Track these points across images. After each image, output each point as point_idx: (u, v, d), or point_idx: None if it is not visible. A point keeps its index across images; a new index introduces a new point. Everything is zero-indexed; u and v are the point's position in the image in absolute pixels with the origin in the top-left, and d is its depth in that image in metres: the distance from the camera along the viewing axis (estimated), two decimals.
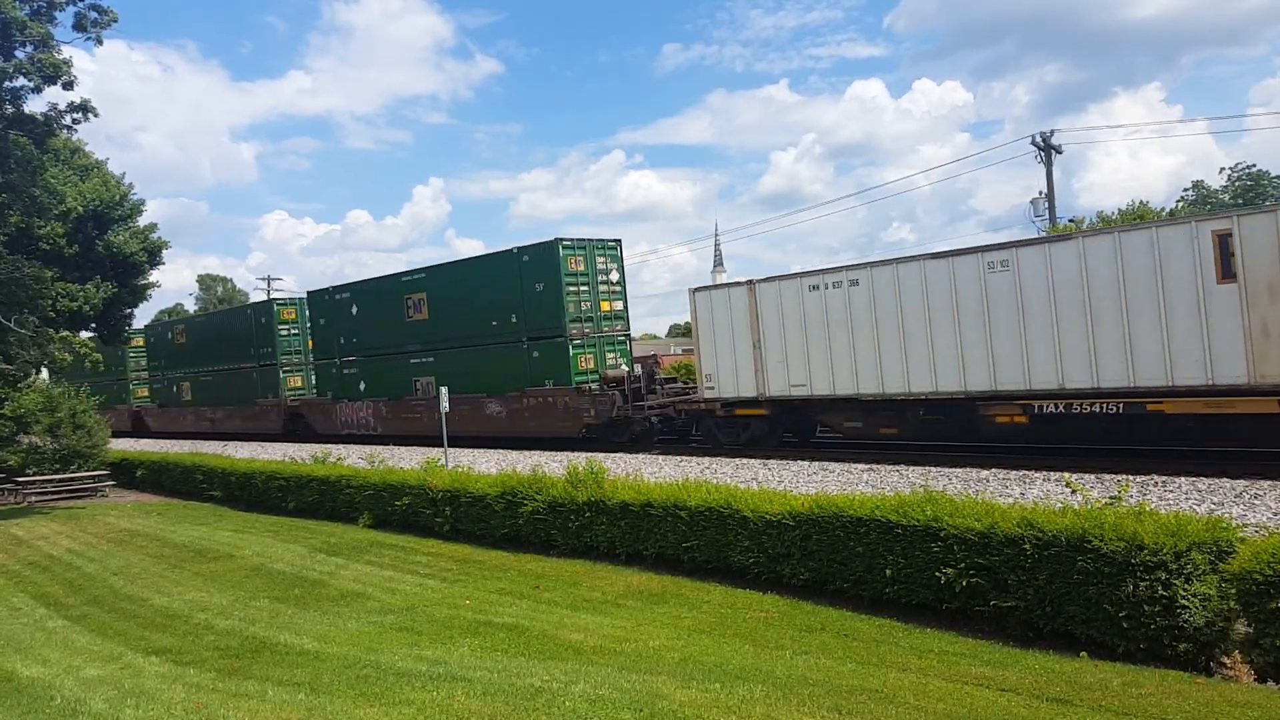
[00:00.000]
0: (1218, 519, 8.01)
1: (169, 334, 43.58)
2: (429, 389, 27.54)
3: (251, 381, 36.77)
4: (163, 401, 44.15)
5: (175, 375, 42.84)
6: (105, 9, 20.66)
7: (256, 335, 36.38)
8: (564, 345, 23.83)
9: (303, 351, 35.51)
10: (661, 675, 7.27)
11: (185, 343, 42.05)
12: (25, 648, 10.21)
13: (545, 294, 24.12)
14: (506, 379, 25.28)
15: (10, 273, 21.14)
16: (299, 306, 35.70)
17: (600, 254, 24.39)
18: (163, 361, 43.99)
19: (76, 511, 22.15)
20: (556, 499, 13.10)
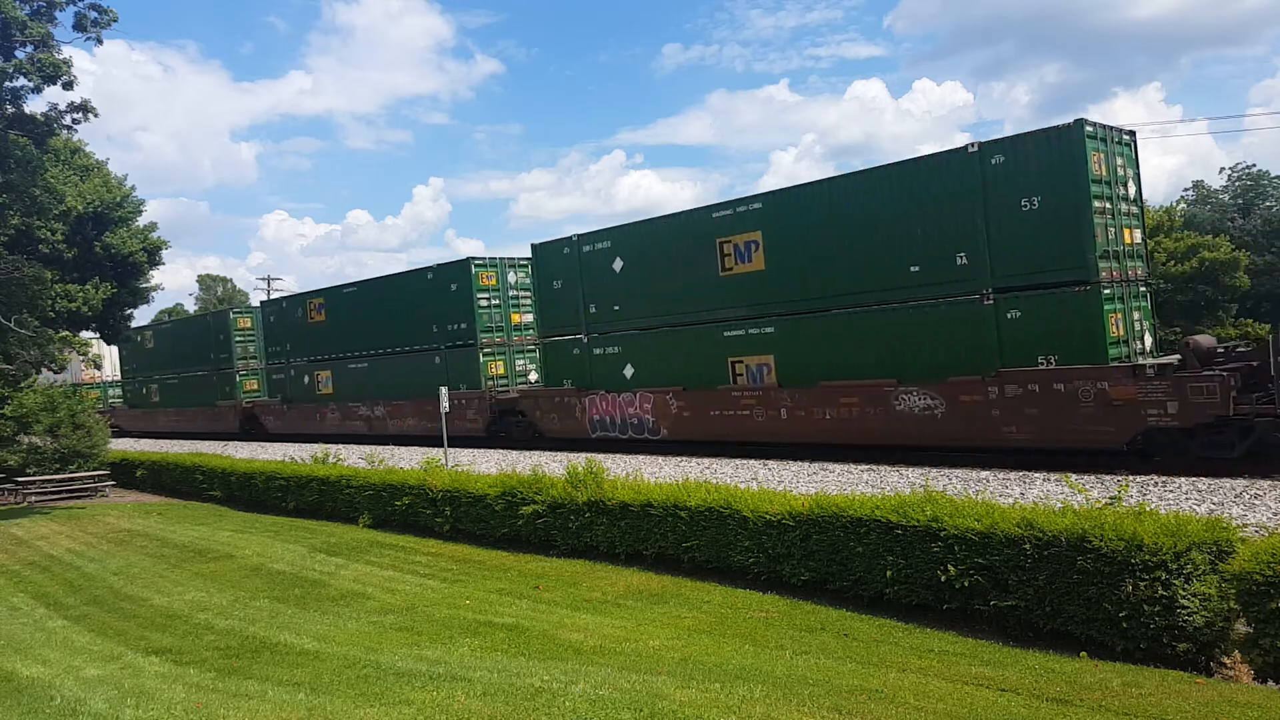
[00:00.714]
0: (1218, 519, 8.01)
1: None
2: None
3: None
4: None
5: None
6: (105, 9, 20.68)
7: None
8: None
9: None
10: (661, 675, 7.27)
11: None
12: (25, 648, 10.21)
13: None
14: None
15: (10, 273, 21.14)
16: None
17: None
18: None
19: (76, 511, 22.15)
20: (556, 499, 13.10)
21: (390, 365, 29.95)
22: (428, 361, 28.33)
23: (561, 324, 23.98)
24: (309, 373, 33.55)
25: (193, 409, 40.67)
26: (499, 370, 27.47)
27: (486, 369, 26.95)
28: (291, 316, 34.58)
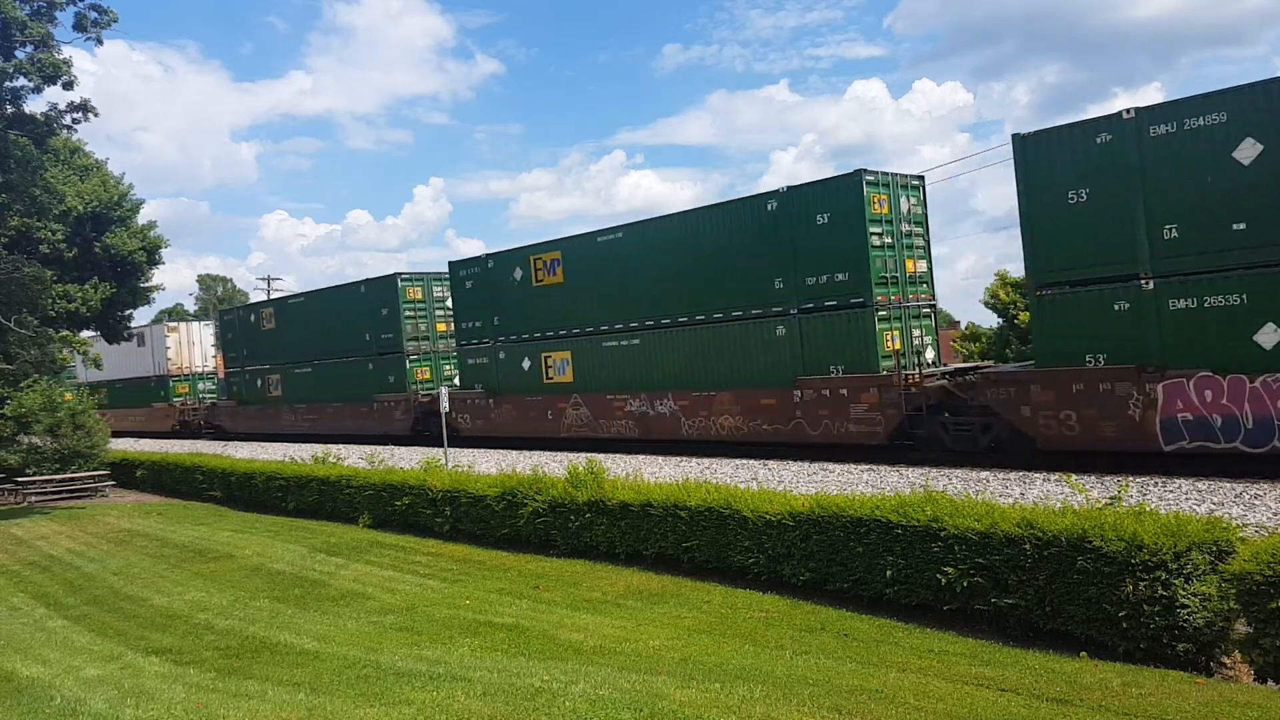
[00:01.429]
0: (1218, 519, 8.01)
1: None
2: None
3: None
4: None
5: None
6: (105, 9, 20.69)
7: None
8: None
9: None
10: (661, 675, 7.27)
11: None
12: (25, 648, 10.21)
13: None
14: None
15: (10, 273, 21.14)
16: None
17: None
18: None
19: (76, 511, 22.15)
20: (556, 499, 13.10)
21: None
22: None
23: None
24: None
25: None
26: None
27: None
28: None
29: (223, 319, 41.35)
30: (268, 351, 37.67)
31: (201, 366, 44.06)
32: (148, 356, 43.94)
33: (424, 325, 30.67)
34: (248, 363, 38.38)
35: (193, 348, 44.03)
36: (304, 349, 35.13)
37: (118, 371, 42.97)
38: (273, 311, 37.27)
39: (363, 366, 31.64)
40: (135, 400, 44.84)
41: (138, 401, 44.77)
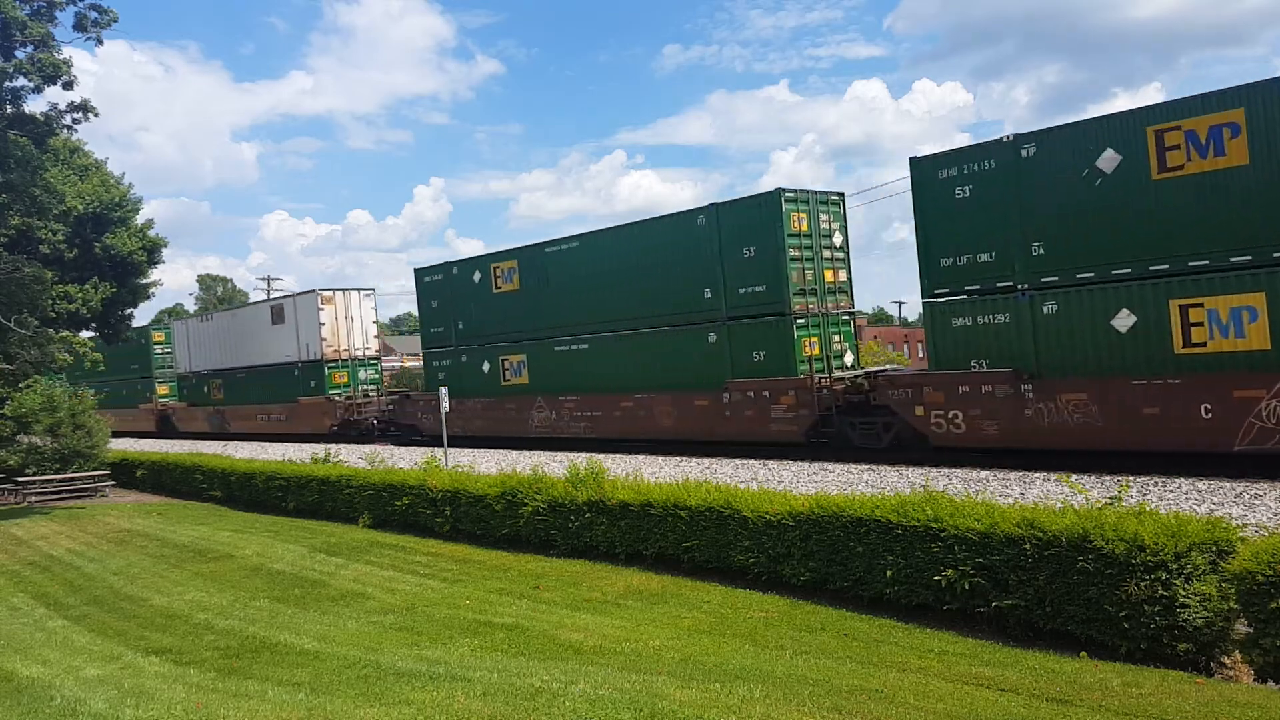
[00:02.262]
0: (1218, 519, 8.01)
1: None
2: None
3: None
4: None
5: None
6: (105, 9, 20.67)
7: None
8: None
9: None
10: (661, 675, 7.27)
11: None
12: (25, 648, 10.21)
13: None
14: None
15: (10, 273, 21.14)
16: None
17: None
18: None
19: (76, 511, 22.15)
20: (556, 499, 13.10)
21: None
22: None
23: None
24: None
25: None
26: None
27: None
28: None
29: (422, 281, 30.00)
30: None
31: (363, 350, 34.38)
32: (290, 336, 34.67)
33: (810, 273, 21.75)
34: (464, 340, 28.50)
35: (351, 325, 34.18)
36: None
37: (240, 357, 37.58)
38: (515, 265, 26.58)
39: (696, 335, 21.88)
40: (270, 393, 35.95)
41: (274, 395, 35.67)
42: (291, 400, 34.71)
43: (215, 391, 39.72)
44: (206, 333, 40.62)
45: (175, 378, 43.33)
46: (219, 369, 39.37)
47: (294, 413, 34.87)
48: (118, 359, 43.83)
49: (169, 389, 44.48)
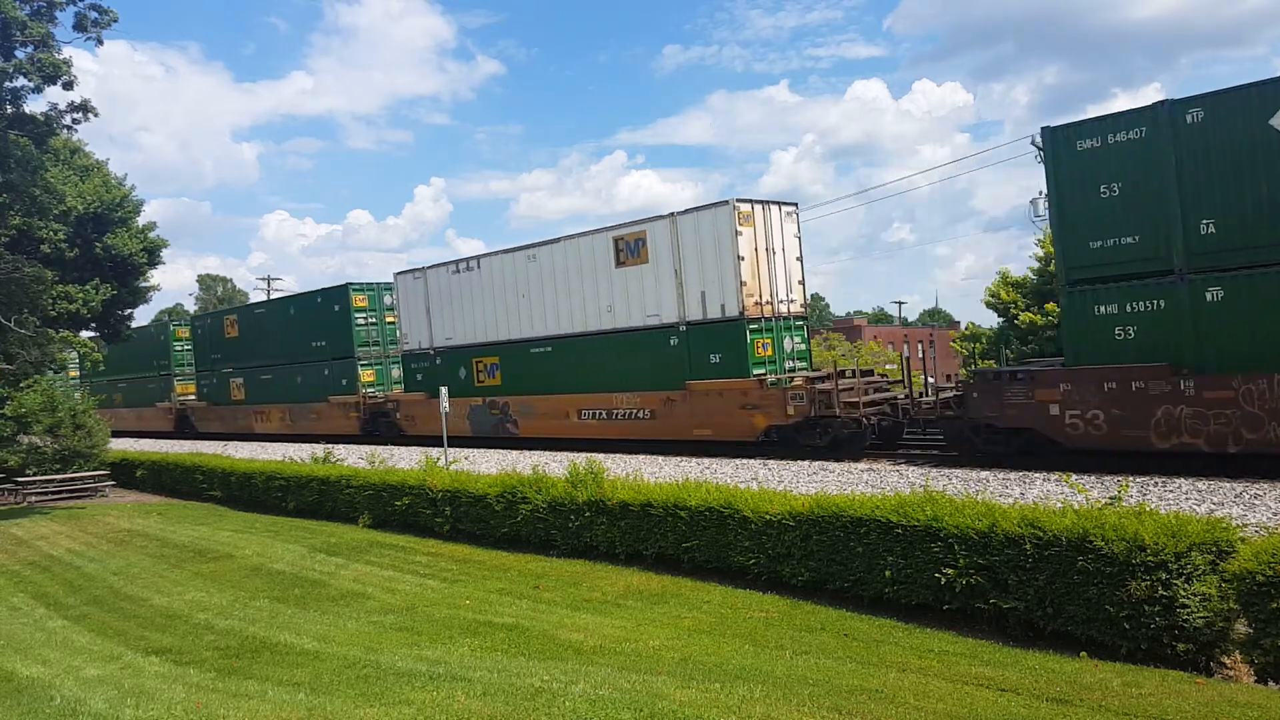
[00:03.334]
0: (1218, 519, 8.01)
1: None
2: None
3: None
4: None
5: None
6: (105, 9, 20.66)
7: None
8: None
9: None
10: (661, 675, 7.27)
11: None
12: (25, 648, 10.21)
13: None
14: None
15: (10, 273, 21.14)
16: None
17: None
18: None
19: (76, 511, 22.14)
20: (556, 499, 13.10)
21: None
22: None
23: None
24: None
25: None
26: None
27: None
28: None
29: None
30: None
31: (786, 303, 20.99)
32: (666, 283, 21.36)
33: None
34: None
35: (774, 261, 20.71)
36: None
37: (535, 321, 24.72)
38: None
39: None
40: (616, 376, 22.50)
41: (627, 378, 22.25)
42: (674, 387, 21.23)
43: (483, 375, 26.48)
44: (465, 287, 26.93)
45: (383, 358, 33.10)
46: (489, 342, 26.22)
47: (679, 410, 21.12)
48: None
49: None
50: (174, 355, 43.64)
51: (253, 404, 37.67)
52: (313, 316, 34.14)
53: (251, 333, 37.73)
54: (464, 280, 27.17)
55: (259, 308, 39.75)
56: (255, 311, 39.18)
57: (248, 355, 37.88)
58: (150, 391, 45.36)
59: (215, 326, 40.32)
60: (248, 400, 38.00)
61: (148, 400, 45.15)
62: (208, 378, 40.87)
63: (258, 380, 37.27)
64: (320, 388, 33.64)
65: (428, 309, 28.42)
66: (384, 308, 32.88)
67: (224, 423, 39.71)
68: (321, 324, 33.62)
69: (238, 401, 38.61)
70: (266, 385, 36.86)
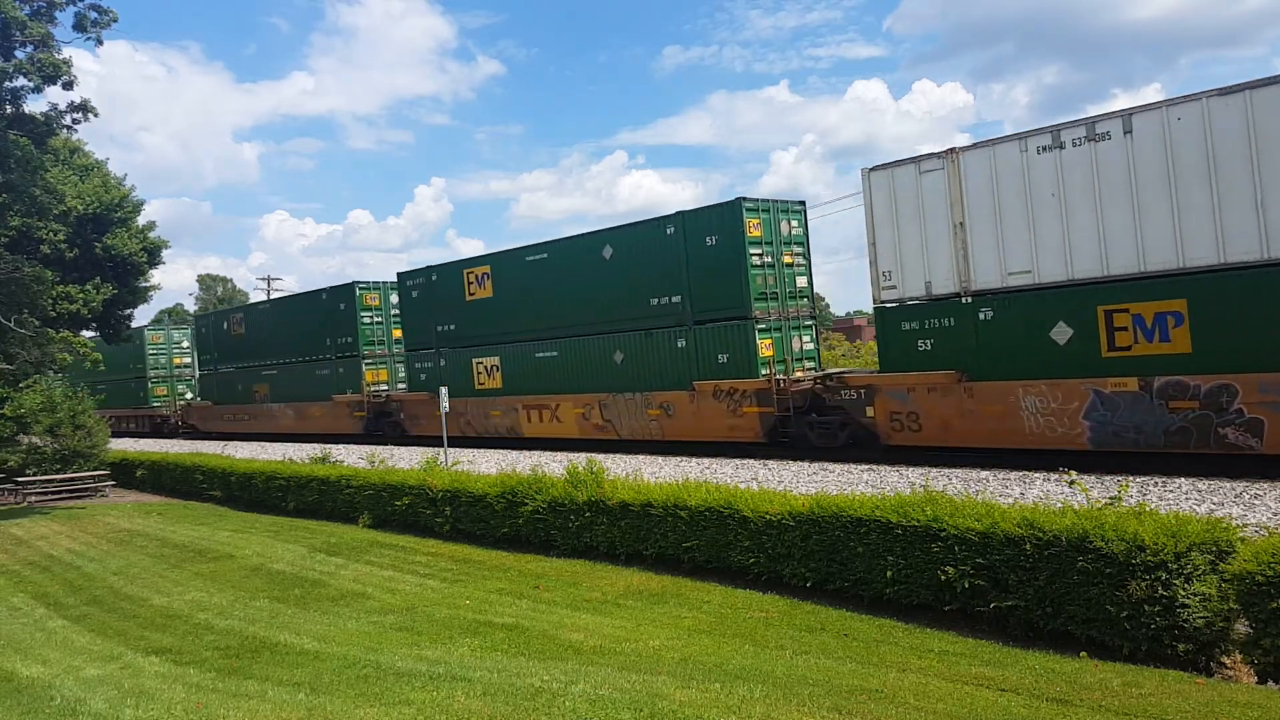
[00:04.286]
0: (1218, 519, 8.01)
1: None
2: None
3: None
4: None
5: None
6: (105, 9, 20.67)
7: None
8: None
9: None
10: (661, 675, 7.26)
11: None
12: (25, 648, 10.21)
13: None
14: None
15: (10, 273, 21.13)
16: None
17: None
18: None
19: (76, 511, 22.14)
20: (556, 499, 13.10)
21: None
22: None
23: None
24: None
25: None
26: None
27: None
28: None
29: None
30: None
31: None
32: None
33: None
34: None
35: None
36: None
37: None
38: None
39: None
40: None
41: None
42: None
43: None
44: None
45: None
46: None
47: None
48: None
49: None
50: (361, 331, 32.61)
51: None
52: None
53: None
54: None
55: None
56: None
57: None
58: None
59: None
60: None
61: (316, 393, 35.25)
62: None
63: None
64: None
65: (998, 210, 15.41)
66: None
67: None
68: None
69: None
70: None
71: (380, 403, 30.92)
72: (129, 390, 45.47)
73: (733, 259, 20.05)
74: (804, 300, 21.15)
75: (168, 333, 46.32)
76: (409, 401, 29.23)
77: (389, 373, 32.43)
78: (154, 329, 46.52)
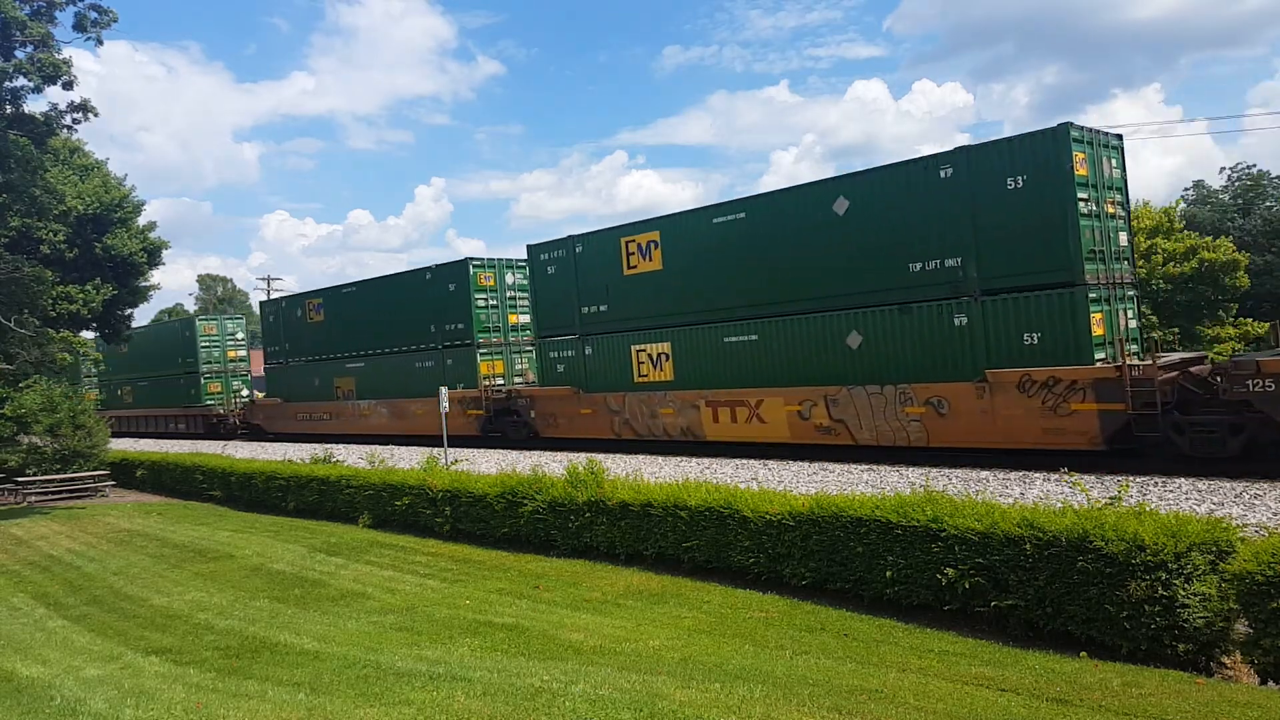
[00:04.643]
0: (1218, 519, 8.01)
1: None
2: None
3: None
4: None
5: None
6: (105, 9, 20.67)
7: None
8: None
9: None
10: (661, 675, 7.26)
11: None
12: (25, 648, 10.21)
13: None
14: None
15: (10, 273, 21.14)
16: None
17: None
18: None
19: (76, 511, 22.14)
20: (556, 499, 13.10)
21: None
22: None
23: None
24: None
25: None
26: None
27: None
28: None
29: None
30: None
31: None
32: None
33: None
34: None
35: None
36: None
37: None
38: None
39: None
40: None
41: None
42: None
43: None
44: None
45: None
46: None
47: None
48: None
49: None
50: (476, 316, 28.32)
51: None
52: None
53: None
54: None
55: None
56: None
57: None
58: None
59: None
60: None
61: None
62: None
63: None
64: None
65: None
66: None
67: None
68: None
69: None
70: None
71: (502, 399, 25.91)
72: (176, 387, 41.62)
73: (1056, 206, 15.04)
74: (1126, 264, 16.16)
75: (221, 323, 42.13)
76: (542, 397, 24.29)
77: (505, 364, 28.08)
78: (206, 319, 42.49)
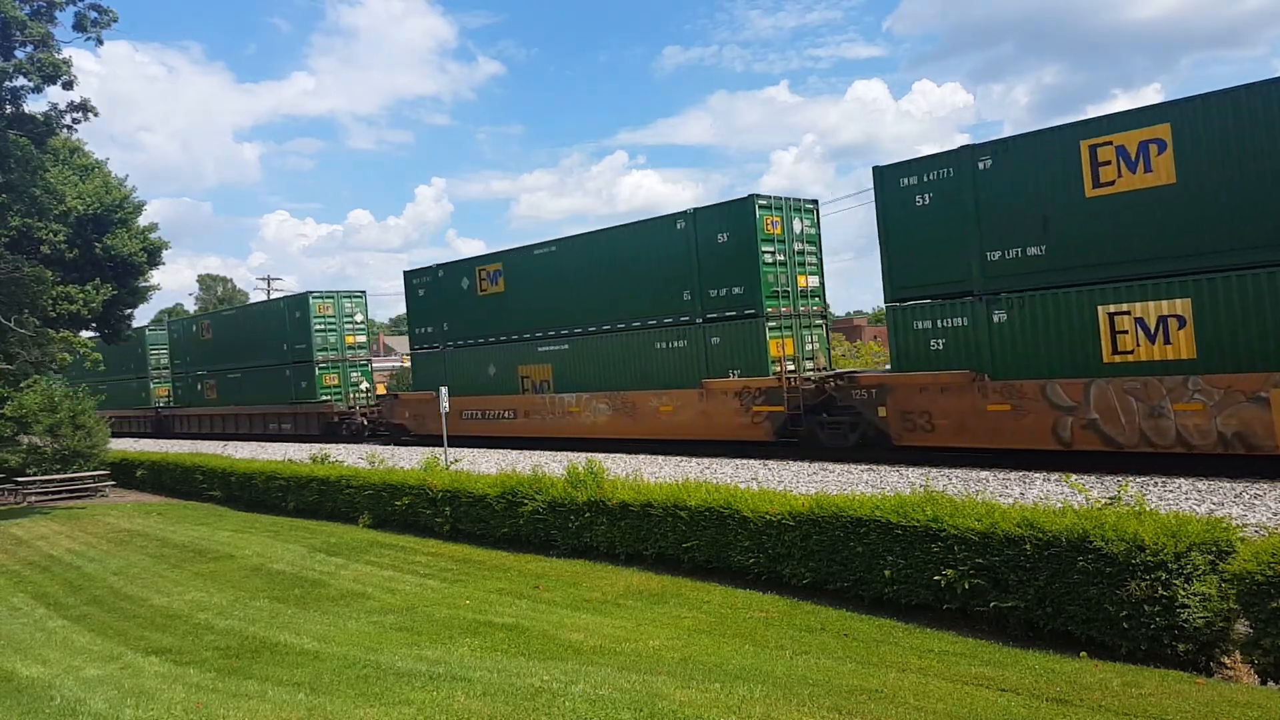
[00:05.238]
0: (1218, 519, 8.01)
1: None
2: None
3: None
4: None
5: None
6: (105, 9, 20.66)
7: None
8: None
9: None
10: (661, 675, 7.26)
11: None
12: (25, 648, 10.21)
13: None
14: None
15: (10, 273, 21.14)
16: None
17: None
18: None
19: (76, 511, 22.15)
20: (556, 499, 13.10)
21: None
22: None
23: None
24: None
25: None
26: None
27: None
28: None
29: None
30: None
31: None
32: None
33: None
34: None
35: None
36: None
37: None
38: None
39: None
40: None
41: None
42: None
43: None
44: None
45: None
46: None
47: None
48: None
49: None
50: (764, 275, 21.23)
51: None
52: None
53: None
54: None
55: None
56: None
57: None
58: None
59: None
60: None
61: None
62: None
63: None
64: None
65: None
66: None
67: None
68: None
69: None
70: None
71: (811, 390, 19.16)
72: (280, 381, 35.95)
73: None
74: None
75: (339, 303, 35.37)
76: (905, 387, 17.16)
77: (795, 343, 20.67)
78: (321, 296, 35.33)
